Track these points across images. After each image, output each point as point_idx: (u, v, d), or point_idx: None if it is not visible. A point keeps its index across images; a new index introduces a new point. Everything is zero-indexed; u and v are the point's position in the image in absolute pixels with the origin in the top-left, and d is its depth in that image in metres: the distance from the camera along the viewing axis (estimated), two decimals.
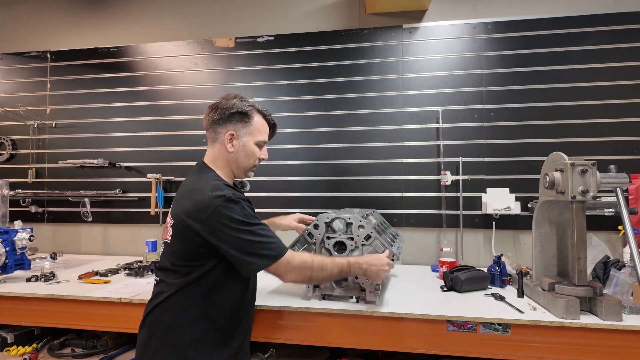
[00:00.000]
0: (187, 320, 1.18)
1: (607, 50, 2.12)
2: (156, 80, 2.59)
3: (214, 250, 1.17)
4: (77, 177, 2.65)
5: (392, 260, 1.41)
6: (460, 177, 2.17)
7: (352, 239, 1.48)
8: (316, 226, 1.52)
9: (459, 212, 2.18)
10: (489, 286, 1.73)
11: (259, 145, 1.33)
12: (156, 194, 2.47)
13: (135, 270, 1.99)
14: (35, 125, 2.70)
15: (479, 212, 2.19)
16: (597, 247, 1.83)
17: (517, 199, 2.11)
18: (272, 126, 1.39)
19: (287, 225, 1.64)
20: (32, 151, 2.70)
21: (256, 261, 1.16)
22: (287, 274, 1.21)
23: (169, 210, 1.28)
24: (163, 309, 1.20)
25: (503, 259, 1.79)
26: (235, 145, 1.28)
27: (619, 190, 1.42)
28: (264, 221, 1.56)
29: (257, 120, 1.31)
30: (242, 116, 1.28)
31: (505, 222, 2.16)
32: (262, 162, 1.39)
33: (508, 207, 2.08)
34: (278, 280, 1.27)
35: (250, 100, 1.33)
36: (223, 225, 1.13)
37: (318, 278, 1.27)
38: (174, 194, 2.52)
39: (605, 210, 1.98)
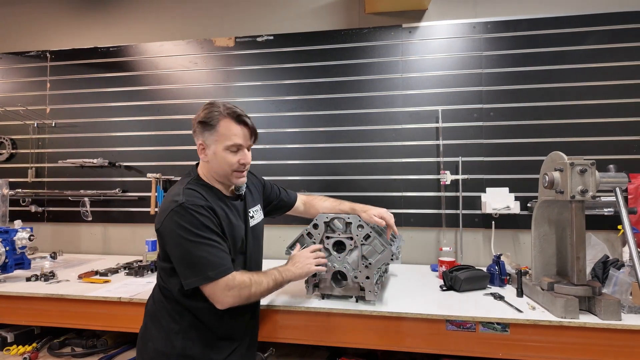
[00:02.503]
0: (172, 312, 1.23)
1: (607, 50, 2.12)
2: (156, 80, 2.59)
3: None
4: (77, 177, 2.65)
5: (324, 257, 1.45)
6: (459, 177, 2.17)
7: (351, 238, 1.48)
8: (315, 226, 1.51)
9: (458, 211, 2.18)
10: (488, 285, 1.73)
11: (231, 150, 1.24)
12: (156, 194, 2.47)
13: (135, 269, 1.99)
14: (35, 125, 2.70)
15: (478, 212, 2.19)
16: (596, 247, 1.83)
17: (516, 198, 2.11)
18: (247, 127, 1.26)
19: (367, 219, 1.48)
20: (32, 151, 2.70)
21: (192, 276, 1.13)
22: (223, 297, 1.15)
23: None
24: (153, 298, 1.29)
25: (502, 258, 1.80)
26: (208, 155, 1.25)
27: (618, 189, 1.42)
28: (349, 205, 1.57)
29: (223, 125, 1.22)
30: (205, 125, 1.22)
31: (505, 221, 2.16)
32: (246, 165, 1.29)
33: (507, 207, 2.08)
34: None
35: (224, 104, 1.25)
36: (171, 231, 1.14)
37: (256, 295, 1.22)
38: None
39: (605, 209, 1.98)
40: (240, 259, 1.30)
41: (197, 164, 1.35)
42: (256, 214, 1.43)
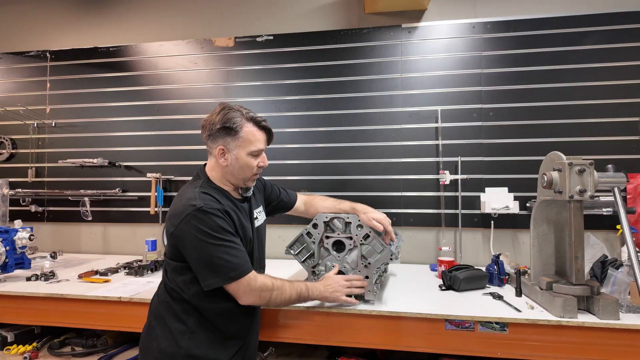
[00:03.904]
0: (178, 312, 1.22)
1: (606, 50, 2.12)
2: (156, 80, 2.59)
3: None
4: (77, 177, 2.65)
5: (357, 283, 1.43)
6: (459, 177, 2.17)
7: (350, 238, 1.48)
8: (315, 225, 1.52)
9: (457, 211, 2.18)
10: (487, 285, 1.73)
11: (254, 154, 1.29)
12: (156, 193, 2.47)
13: (135, 269, 1.99)
14: (35, 125, 2.70)
15: (477, 212, 2.19)
16: (595, 246, 1.84)
17: (515, 198, 2.12)
18: (268, 132, 1.34)
19: (365, 221, 1.48)
20: (32, 150, 2.70)
21: (214, 277, 1.16)
22: (245, 296, 1.20)
23: None
24: (157, 298, 1.28)
25: (501, 258, 1.80)
26: (228, 159, 1.26)
27: (616, 189, 1.42)
28: (349, 205, 1.57)
29: (247, 131, 1.26)
30: (229, 130, 1.24)
31: (504, 221, 2.16)
32: (263, 168, 1.35)
33: (506, 207, 2.09)
34: None
35: (240, 108, 1.28)
36: (189, 234, 1.15)
37: (277, 302, 1.26)
38: (173, 194, 2.53)
39: (604, 209, 1.99)
40: None
41: (205, 165, 1.35)
42: (259, 215, 1.45)
